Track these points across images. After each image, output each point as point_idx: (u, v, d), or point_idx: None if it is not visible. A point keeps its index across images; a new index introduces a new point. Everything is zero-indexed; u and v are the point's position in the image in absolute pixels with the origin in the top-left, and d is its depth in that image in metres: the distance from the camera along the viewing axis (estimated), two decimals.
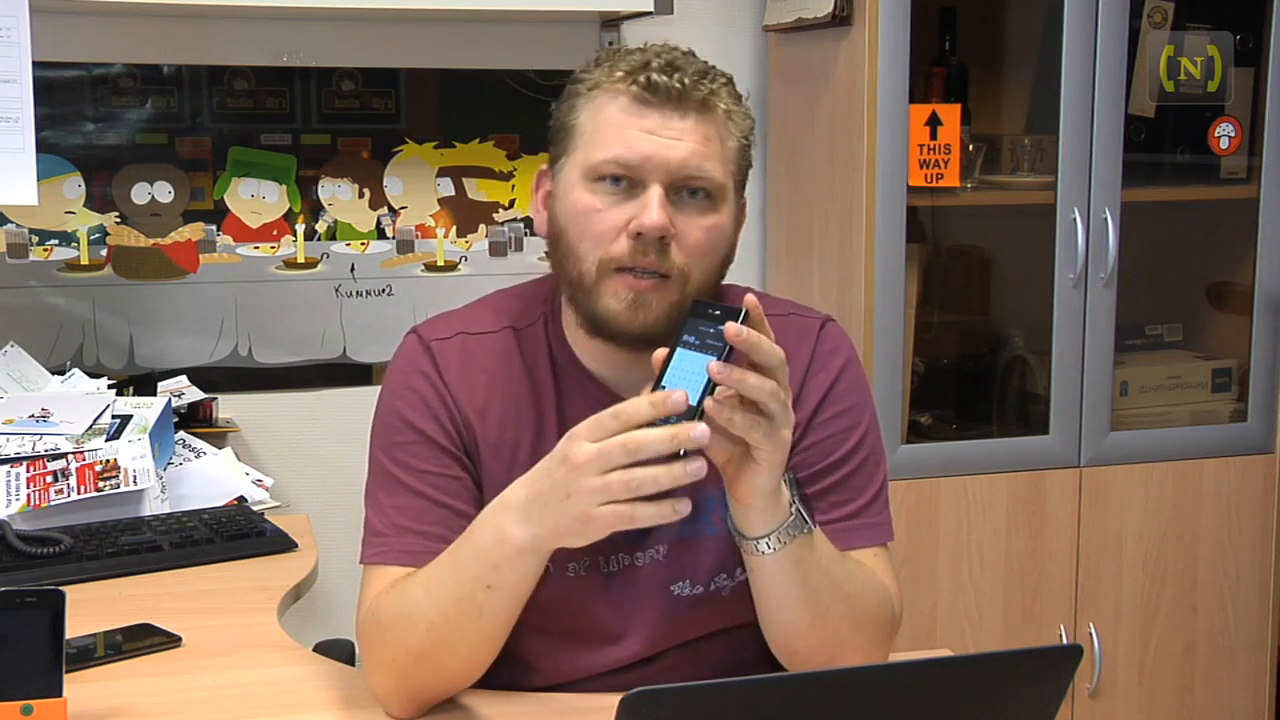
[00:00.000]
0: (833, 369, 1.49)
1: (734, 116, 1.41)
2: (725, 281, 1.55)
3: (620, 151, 1.36)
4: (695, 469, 1.17)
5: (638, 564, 1.45)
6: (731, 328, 1.18)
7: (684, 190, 1.37)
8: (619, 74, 1.38)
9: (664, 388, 1.19)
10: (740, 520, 1.31)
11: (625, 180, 1.36)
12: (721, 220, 1.39)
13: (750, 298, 1.21)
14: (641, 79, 1.36)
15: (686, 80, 1.36)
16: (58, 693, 1.29)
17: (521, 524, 1.25)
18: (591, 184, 1.38)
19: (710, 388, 1.19)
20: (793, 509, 1.30)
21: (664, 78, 1.35)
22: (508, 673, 1.45)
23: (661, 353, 1.21)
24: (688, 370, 1.19)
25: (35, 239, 2.60)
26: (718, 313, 1.20)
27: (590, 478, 1.18)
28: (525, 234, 2.82)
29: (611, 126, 1.37)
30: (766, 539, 1.31)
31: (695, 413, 1.18)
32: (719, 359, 1.19)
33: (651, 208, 1.34)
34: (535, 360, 1.47)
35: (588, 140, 1.39)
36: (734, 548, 1.43)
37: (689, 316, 1.22)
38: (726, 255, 1.43)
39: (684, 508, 1.18)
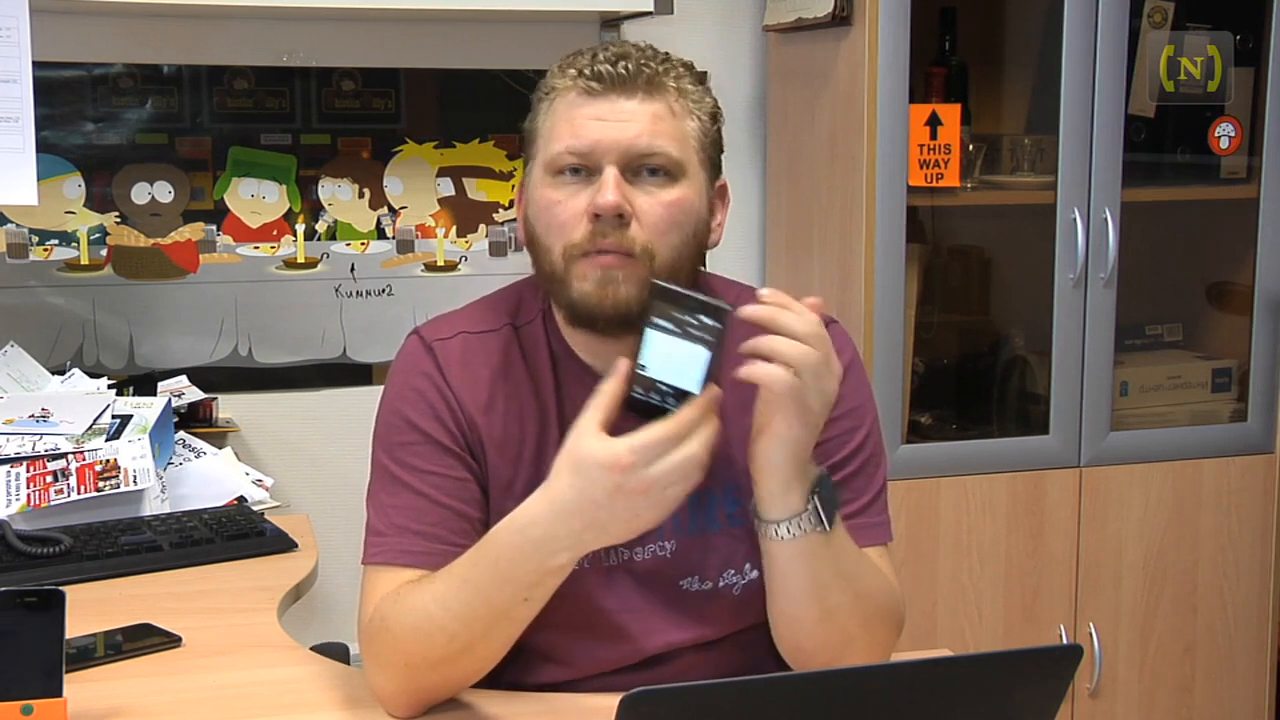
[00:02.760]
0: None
1: (689, 95, 1.42)
2: (728, 279, 1.56)
3: (571, 141, 1.38)
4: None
5: (636, 558, 1.45)
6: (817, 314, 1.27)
7: (642, 169, 1.38)
8: (570, 73, 1.41)
9: (643, 367, 1.23)
10: (759, 500, 1.34)
11: (583, 170, 1.39)
12: (685, 195, 1.40)
13: (749, 309, 1.24)
14: (587, 71, 1.39)
15: (630, 65, 1.39)
16: (58, 693, 1.29)
17: (571, 551, 1.27)
18: (552, 178, 1.40)
19: (709, 374, 1.23)
20: (809, 504, 1.31)
21: (608, 66, 1.39)
22: (529, 666, 1.46)
23: (625, 362, 1.24)
24: (671, 356, 1.24)
25: (35, 239, 2.60)
26: (691, 303, 1.24)
27: (662, 491, 1.22)
28: None
29: (563, 120, 1.40)
30: (778, 525, 1.32)
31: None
32: (712, 352, 1.23)
33: (606, 188, 1.36)
34: (536, 356, 1.47)
35: (545, 140, 1.42)
36: (742, 544, 1.44)
37: (652, 299, 1.24)
38: (697, 233, 1.42)
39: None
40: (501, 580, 1.29)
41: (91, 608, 1.70)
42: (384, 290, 2.79)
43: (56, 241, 2.61)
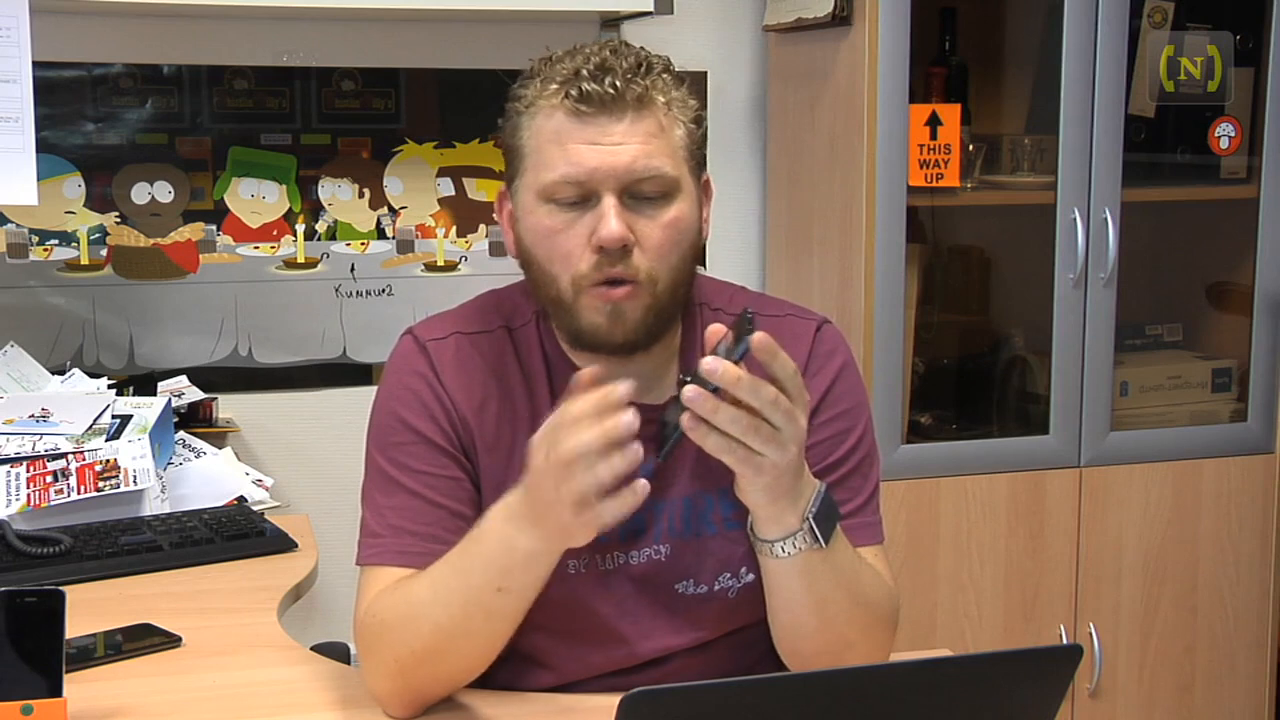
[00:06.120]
0: (830, 371, 1.50)
1: (675, 104, 1.40)
2: (726, 280, 1.56)
3: (566, 169, 1.36)
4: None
5: (633, 561, 1.45)
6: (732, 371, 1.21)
7: (640, 192, 1.37)
8: (552, 88, 1.37)
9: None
10: (754, 520, 1.34)
11: (579, 195, 1.37)
12: (680, 212, 1.39)
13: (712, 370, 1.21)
14: (573, 91, 1.35)
15: (619, 83, 1.35)
16: (58, 693, 1.29)
17: (529, 529, 1.27)
18: (546, 205, 1.38)
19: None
20: (805, 523, 1.31)
21: (595, 85, 1.35)
22: (519, 670, 1.46)
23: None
24: None
25: (35, 239, 2.60)
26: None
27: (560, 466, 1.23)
28: None
29: (553, 144, 1.37)
30: (774, 544, 1.32)
31: None
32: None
33: (608, 219, 1.34)
34: (530, 358, 1.47)
35: (534, 161, 1.39)
36: (738, 547, 1.43)
37: None
38: (695, 243, 1.43)
39: (642, 490, 1.22)
40: (481, 559, 1.31)
41: (91, 608, 1.70)
42: (384, 290, 2.79)
43: (56, 241, 2.61)
